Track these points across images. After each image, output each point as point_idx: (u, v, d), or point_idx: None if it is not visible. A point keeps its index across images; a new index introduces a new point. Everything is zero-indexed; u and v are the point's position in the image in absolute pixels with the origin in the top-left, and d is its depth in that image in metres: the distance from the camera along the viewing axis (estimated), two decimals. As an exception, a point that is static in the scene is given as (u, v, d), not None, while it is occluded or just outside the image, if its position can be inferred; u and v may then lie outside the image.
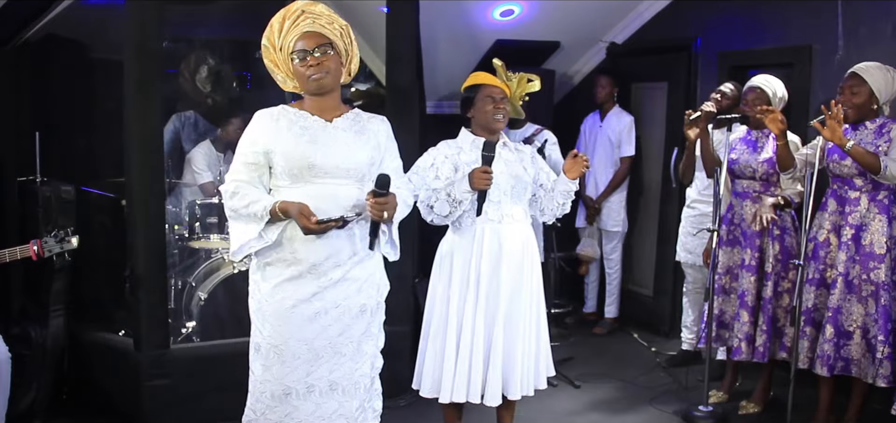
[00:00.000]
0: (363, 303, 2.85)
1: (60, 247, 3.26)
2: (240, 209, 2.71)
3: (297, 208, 2.62)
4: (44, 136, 4.20)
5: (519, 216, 3.40)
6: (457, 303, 3.35)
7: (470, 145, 3.40)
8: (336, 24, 2.77)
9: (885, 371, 3.61)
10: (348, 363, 2.83)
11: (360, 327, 2.86)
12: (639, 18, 5.78)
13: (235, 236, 2.76)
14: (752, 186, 4.16)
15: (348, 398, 2.85)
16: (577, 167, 3.40)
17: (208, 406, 3.86)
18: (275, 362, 2.75)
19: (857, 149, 3.61)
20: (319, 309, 2.76)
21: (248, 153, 2.75)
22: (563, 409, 4.37)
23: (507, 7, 5.41)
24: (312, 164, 2.71)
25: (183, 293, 4.52)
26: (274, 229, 2.71)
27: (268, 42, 2.79)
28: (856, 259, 3.71)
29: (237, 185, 2.73)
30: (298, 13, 2.72)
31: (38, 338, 3.92)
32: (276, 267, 2.75)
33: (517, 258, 3.37)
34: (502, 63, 3.42)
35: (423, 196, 3.32)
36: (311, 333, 2.75)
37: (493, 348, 3.33)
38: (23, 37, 4.70)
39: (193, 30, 5.24)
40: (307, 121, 2.77)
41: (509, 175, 3.36)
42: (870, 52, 4.03)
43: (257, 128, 2.76)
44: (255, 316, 2.81)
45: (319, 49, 2.71)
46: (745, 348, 4.10)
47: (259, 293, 2.79)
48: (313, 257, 2.73)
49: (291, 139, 2.72)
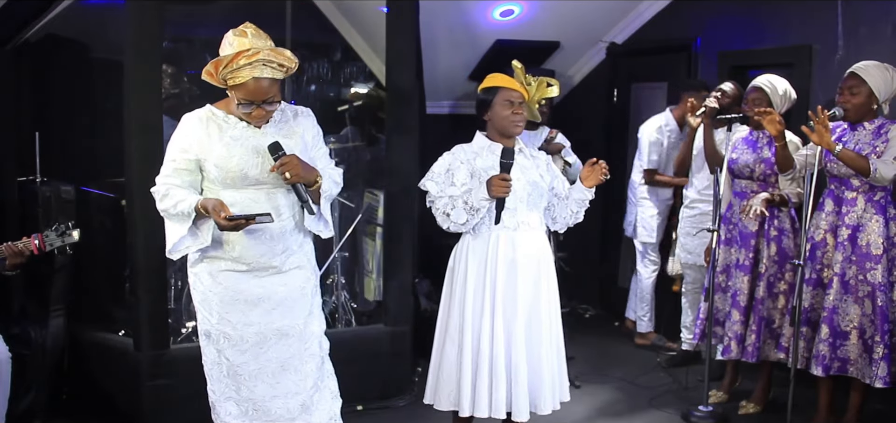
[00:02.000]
0: (302, 285, 2.96)
1: (61, 240, 3.25)
2: (169, 210, 2.80)
3: (212, 204, 2.70)
4: (44, 136, 4.20)
5: (535, 224, 3.30)
6: (471, 313, 3.24)
7: (486, 150, 3.28)
8: (286, 66, 2.74)
9: (881, 372, 3.61)
10: (296, 344, 2.94)
11: (304, 309, 2.96)
12: (639, 18, 5.78)
13: (169, 236, 2.85)
14: (750, 186, 4.16)
15: (301, 377, 2.96)
16: (596, 175, 3.31)
17: (208, 406, 3.84)
18: (226, 346, 2.88)
19: (845, 152, 3.62)
20: (262, 295, 2.87)
21: (179, 159, 2.82)
22: (563, 409, 4.34)
23: (507, 7, 5.41)
24: (246, 174, 2.79)
25: (183, 293, 4.52)
26: (205, 228, 2.79)
27: (212, 68, 2.71)
28: (852, 260, 3.71)
29: (167, 187, 2.82)
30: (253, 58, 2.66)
31: (38, 338, 3.91)
32: (214, 261, 2.85)
33: (534, 266, 3.27)
34: (522, 65, 3.29)
35: (439, 204, 3.23)
36: (256, 317, 2.87)
37: (515, 362, 3.23)
38: (23, 37, 4.70)
39: (193, 30, 5.24)
40: (237, 129, 2.82)
41: (526, 182, 3.25)
42: (870, 52, 4.03)
43: (187, 134, 2.81)
44: (200, 306, 2.91)
45: (267, 102, 2.74)
46: (734, 347, 4.13)
47: (201, 285, 2.88)
48: (247, 256, 2.84)
49: (223, 150, 2.78)
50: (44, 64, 4.74)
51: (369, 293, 5.12)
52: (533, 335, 3.27)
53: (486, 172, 3.21)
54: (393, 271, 4.41)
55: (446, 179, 3.25)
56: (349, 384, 3.29)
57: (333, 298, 4.80)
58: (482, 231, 3.26)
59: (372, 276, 5.07)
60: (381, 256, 4.66)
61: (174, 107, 4.59)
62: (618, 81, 6.16)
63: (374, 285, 5.03)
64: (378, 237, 4.89)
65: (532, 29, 5.65)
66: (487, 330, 3.21)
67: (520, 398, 3.22)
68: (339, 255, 4.83)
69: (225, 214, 2.67)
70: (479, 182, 3.19)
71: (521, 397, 3.22)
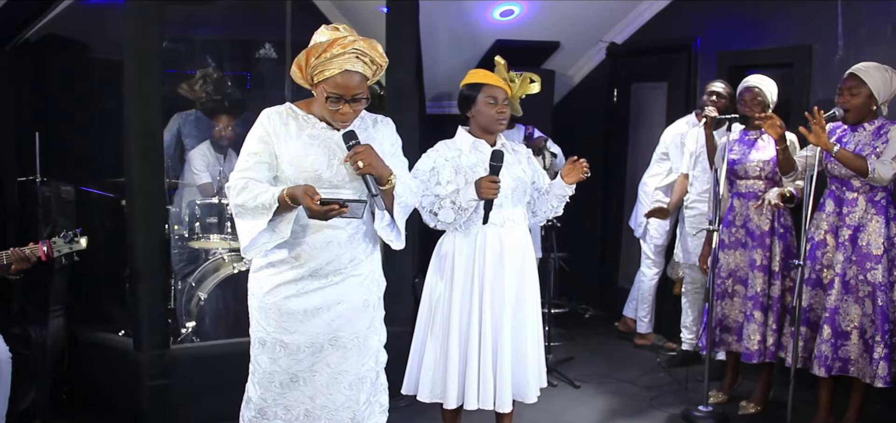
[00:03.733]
0: (365, 298, 2.86)
1: (69, 247, 3.25)
2: (247, 202, 2.65)
3: (301, 190, 2.57)
4: (44, 136, 4.20)
5: (519, 219, 3.34)
6: (459, 308, 3.28)
7: (470, 147, 3.30)
8: (378, 64, 2.69)
9: (881, 372, 3.61)
10: (354, 358, 2.84)
11: (365, 322, 2.87)
12: (639, 18, 5.79)
13: (245, 232, 2.70)
14: (756, 185, 4.16)
15: (355, 391, 2.86)
16: (576, 173, 3.34)
17: (208, 406, 3.85)
18: (282, 354, 2.78)
19: (843, 153, 3.62)
20: (321, 305, 2.77)
21: (259, 151, 2.71)
22: (563, 409, 4.37)
23: (507, 7, 5.41)
24: (320, 176, 2.69)
25: (183, 293, 4.52)
26: (285, 222, 2.68)
27: (303, 59, 2.66)
28: (853, 260, 3.71)
29: (246, 180, 2.68)
30: (349, 47, 2.60)
31: (38, 338, 3.91)
32: (278, 268, 2.76)
33: (519, 262, 3.31)
34: (504, 61, 3.32)
35: (425, 202, 3.24)
36: (314, 328, 2.77)
37: (500, 354, 3.27)
38: (23, 37, 4.71)
39: (193, 30, 5.24)
40: (316, 129, 2.75)
41: (511, 178, 3.28)
42: (870, 52, 4.03)
43: (266, 127, 2.72)
44: (256, 313, 2.82)
45: (355, 99, 2.66)
46: (760, 348, 4.07)
47: (260, 291, 2.79)
48: (313, 262, 2.74)
49: (300, 148, 2.70)
50: (44, 64, 4.74)
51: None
52: (518, 328, 3.32)
53: (472, 169, 3.23)
54: (393, 271, 4.41)
55: (431, 178, 3.27)
56: (349, 384, 3.28)
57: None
58: (470, 229, 3.28)
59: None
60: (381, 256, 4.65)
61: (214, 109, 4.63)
62: (618, 81, 6.17)
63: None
64: (378, 237, 4.88)
65: (532, 29, 5.65)
66: (476, 325, 3.26)
67: (504, 390, 3.28)
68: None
69: (318, 197, 2.54)
70: (465, 180, 3.21)
71: (506, 388, 3.28)
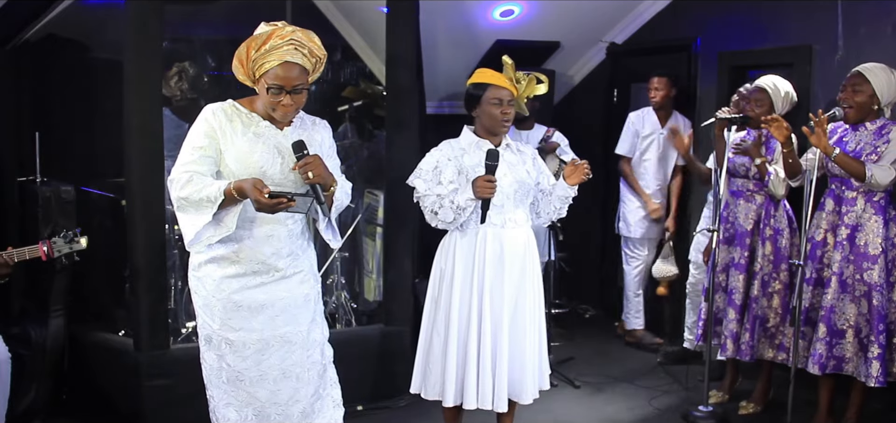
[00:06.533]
0: (306, 293, 2.94)
1: (69, 247, 3.26)
2: (191, 195, 2.67)
3: (251, 183, 2.60)
4: (44, 136, 4.20)
5: (521, 220, 3.33)
6: (458, 308, 3.29)
7: (474, 147, 3.29)
8: (317, 56, 2.76)
9: (875, 371, 3.62)
10: (299, 352, 2.91)
11: (307, 316, 2.94)
12: (639, 18, 5.78)
13: (189, 225, 2.71)
14: (746, 184, 4.18)
15: (303, 384, 2.93)
16: (578, 174, 3.35)
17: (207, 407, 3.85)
18: (227, 352, 2.84)
19: (841, 157, 3.63)
20: (265, 302, 2.83)
21: (205, 145, 2.73)
22: (563, 409, 4.37)
23: (507, 7, 5.40)
24: (265, 173, 2.74)
25: (183, 293, 4.52)
26: (231, 215, 2.70)
27: (243, 52, 2.72)
28: (850, 259, 3.72)
29: (191, 174, 2.70)
30: (287, 40, 2.68)
31: (38, 338, 3.91)
32: (220, 263, 2.80)
33: (519, 263, 3.31)
34: (512, 61, 3.28)
35: (427, 202, 3.25)
36: (259, 324, 2.83)
37: (499, 354, 3.28)
38: (23, 37, 4.70)
39: (193, 30, 5.23)
40: (260, 127, 2.80)
41: (513, 179, 3.28)
42: (870, 52, 4.03)
43: (211, 123, 2.75)
44: (202, 310, 2.86)
45: (296, 91, 2.71)
46: (730, 345, 4.17)
47: (204, 289, 2.84)
48: (254, 257, 2.80)
49: (245, 145, 2.75)
50: (44, 64, 4.74)
51: (369, 293, 5.12)
52: (517, 329, 3.33)
53: (473, 169, 3.23)
54: (393, 271, 4.42)
55: (434, 177, 3.27)
56: (349, 385, 3.29)
57: (333, 298, 4.80)
58: (469, 229, 3.28)
59: (372, 276, 5.08)
60: (381, 256, 4.67)
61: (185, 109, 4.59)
62: (618, 81, 6.16)
63: (374, 285, 5.03)
64: (378, 237, 4.89)
65: (532, 29, 5.65)
66: (475, 326, 3.27)
67: (501, 390, 3.29)
68: (338, 255, 4.83)
69: (266, 190, 2.57)
70: (466, 179, 3.21)
71: (502, 388, 3.29)
